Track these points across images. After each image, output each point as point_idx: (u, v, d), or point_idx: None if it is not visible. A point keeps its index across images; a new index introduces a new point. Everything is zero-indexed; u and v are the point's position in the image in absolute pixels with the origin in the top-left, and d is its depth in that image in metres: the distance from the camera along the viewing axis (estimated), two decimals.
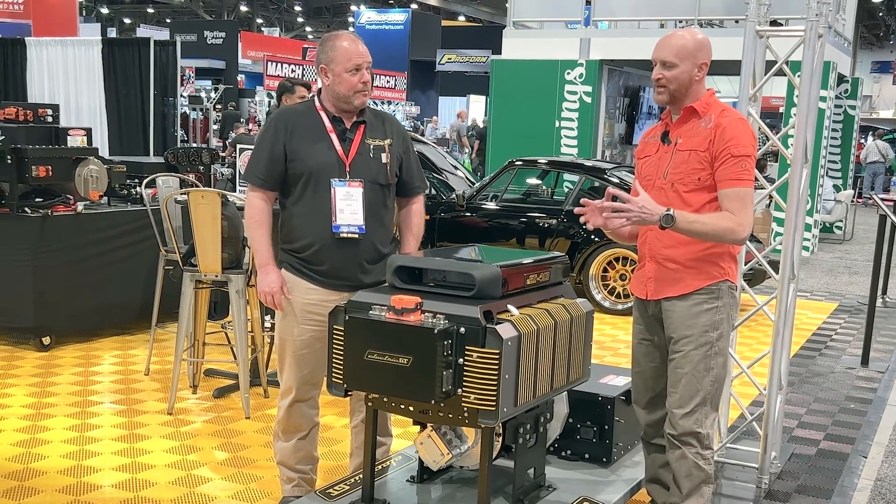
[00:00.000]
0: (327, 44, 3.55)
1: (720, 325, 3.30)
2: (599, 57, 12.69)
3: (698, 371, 3.28)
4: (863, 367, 6.86)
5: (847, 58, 15.19)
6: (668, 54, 3.26)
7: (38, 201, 6.13)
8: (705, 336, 3.28)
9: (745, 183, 3.17)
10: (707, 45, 3.29)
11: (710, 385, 3.30)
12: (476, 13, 36.62)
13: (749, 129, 3.26)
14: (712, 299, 3.29)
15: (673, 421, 3.33)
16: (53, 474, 4.24)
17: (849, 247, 14.35)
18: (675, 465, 3.37)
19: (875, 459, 4.93)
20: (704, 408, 3.30)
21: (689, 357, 3.28)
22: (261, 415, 5.14)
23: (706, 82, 3.35)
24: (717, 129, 3.20)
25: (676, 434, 3.32)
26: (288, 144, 3.52)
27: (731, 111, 3.30)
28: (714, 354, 3.29)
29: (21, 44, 11.82)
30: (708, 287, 3.28)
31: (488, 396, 2.86)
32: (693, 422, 3.29)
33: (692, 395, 3.29)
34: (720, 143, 3.19)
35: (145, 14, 43.47)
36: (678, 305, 3.31)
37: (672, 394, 3.34)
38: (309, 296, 3.54)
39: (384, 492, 3.38)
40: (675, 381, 3.33)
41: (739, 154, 3.17)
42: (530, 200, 9.32)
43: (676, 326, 3.31)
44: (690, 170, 3.24)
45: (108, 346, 6.47)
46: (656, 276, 3.36)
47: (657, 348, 3.44)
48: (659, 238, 3.32)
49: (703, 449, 3.32)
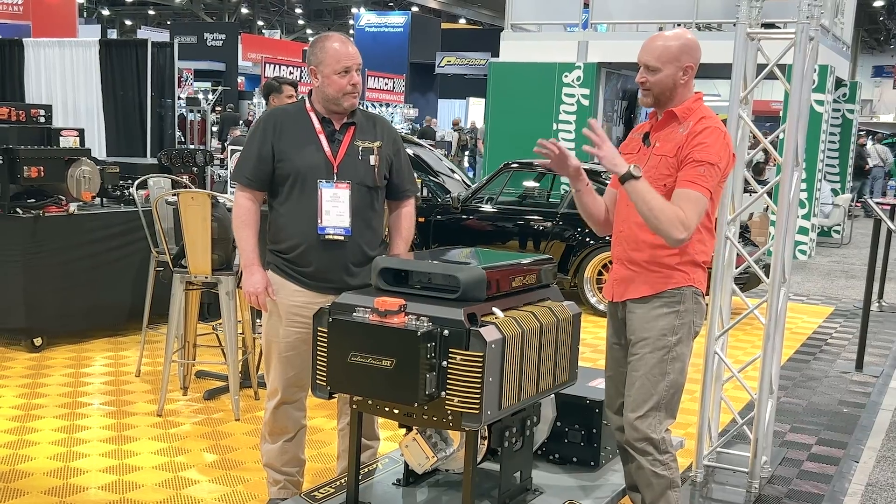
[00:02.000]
0: (317, 45, 3.54)
1: (679, 329, 3.23)
2: (597, 60, 12.70)
3: (653, 375, 3.22)
4: (857, 371, 6.84)
5: (846, 62, 15.18)
6: (651, 58, 3.20)
7: (30, 202, 6.12)
8: (662, 340, 3.22)
9: (699, 188, 3.05)
10: (693, 47, 3.20)
11: (664, 390, 3.23)
12: (476, 16, 36.59)
13: (721, 139, 3.14)
14: (673, 303, 3.22)
15: (627, 425, 3.28)
16: (40, 475, 4.22)
17: (847, 251, 14.32)
18: (635, 475, 3.33)
19: (867, 464, 4.91)
20: (658, 413, 3.23)
21: (645, 360, 3.23)
22: (250, 417, 5.12)
23: (707, 85, 3.29)
24: (689, 136, 3.13)
25: (631, 440, 3.27)
26: (276, 145, 3.50)
27: (710, 119, 3.19)
28: (671, 360, 3.22)
29: (19, 45, 11.81)
30: (669, 291, 3.22)
31: (472, 399, 2.83)
32: (646, 426, 3.22)
33: (645, 398, 3.23)
34: (687, 148, 3.11)
35: (146, 16, 43.49)
36: (639, 308, 3.27)
37: (627, 397, 3.29)
38: (295, 298, 3.52)
39: (369, 495, 3.36)
40: (630, 384, 3.28)
41: (701, 159, 3.07)
42: (526, 203, 9.28)
43: (635, 329, 3.28)
44: (659, 175, 3.17)
45: (99, 348, 6.46)
46: (622, 277, 3.33)
47: (625, 352, 3.39)
48: (626, 240, 3.29)
49: (661, 454, 3.25)
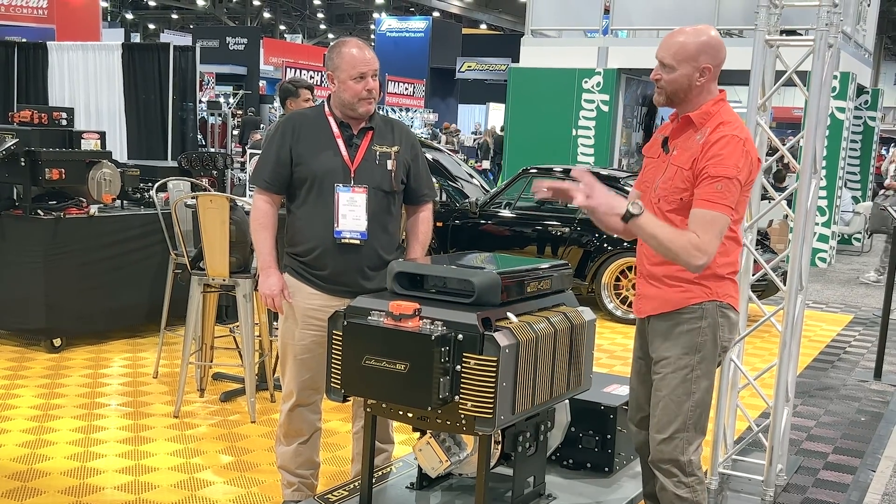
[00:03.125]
0: (335, 50, 3.57)
1: (702, 347, 3.05)
2: (617, 66, 12.67)
3: (676, 395, 3.07)
4: (876, 380, 6.79)
5: (868, 69, 15.08)
6: (667, 55, 2.98)
7: (51, 204, 6.17)
8: (684, 359, 3.06)
9: (716, 206, 2.85)
10: (714, 47, 2.96)
11: (690, 410, 3.06)
12: (497, 21, 36.62)
13: (740, 147, 2.90)
14: (693, 320, 3.04)
15: (652, 446, 3.15)
16: (57, 475, 4.26)
17: (867, 259, 14.22)
18: (659, 495, 3.20)
19: (884, 474, 4.87)
20: (686, 433, 3.07)
21: (667, 380, 3.08)
22: (266, 419, 5.14)
23: (729, 92, 3.11)
24: (705, 146, 2.92)
25: (656, 460, 3.14)
26: (294, 148, 3.53)
27: (728, 125, 2.95)
28: (695, 378, 3.05)
29: (42, 48, 11.92)
30: (690, 307, 3.04)
31: (485, 404, 2.84)
32: (672, 448, 3.08)
33: (670, 420, 3.07)
34: (703, 161, 2.90)
35: (170, 20, 43.81)
36: (659, 325, 3.12)
37: (652, 417, 3.15)
38: (310, 301, 3.54)
39: (383, 498, 3.37)
40: (655, 405, 3.13)
41: (717, 175, 2.86)
42: (544, 208, 9.26)
43: (656, 347, 3.13)
44: (674, 188, 2.99)
45: (118, 349, 6.51)
46: (643, 293, 3.20)
47: (648, 367, 3.24)
48: (645, 254, 3.14)
49: (686, 476, 3.08)
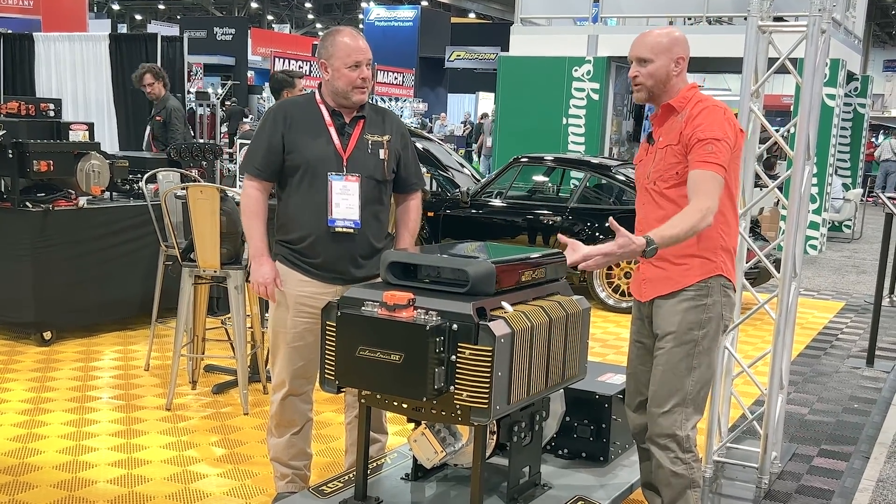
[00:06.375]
0: (328, 39, 3.54)
1: (707, 323, 3.19)
2: (607, 54, 12.64)
3: (679, 370, 3.19)
4: (868, 366, 6.80)
5: (857, 56, 15.09)
6: (644, 51, 3.21)
7: (39, 196, 6.12)
8: (689, 334, 3.19)
9: (710, 166, 3.04)
10: (683, 41, 3.24)
11: (691, 385, 3.19)
12: (486, 10, 36.53)
13: (721, 114, 3.13)
14: (700, 296, 3.19)
15: (651, 420, 3.25)
16: (49, 469, 4.23)
17: (857, 245, 14.26)
18: (654, 474, 3.30)
19: (878, 460, 4.88)
20: (685, 409, 3.20)
21: (671, 354, 3.20)
22: (259, 411, 5.12)
23: (718, 80, 3.27)
24: (688, 120, 3.14)
25: (653, 435, 3.24)
26: (286, 136, 3.50)
27: (706, 101, 3.20)
28: (698, 354, 3.19)
29: (29, 39, 11.84)
30: (697, 284, 3.18)
31: (481, 394, 2.82)
32: (671, 422, 3.19)
33: (671, 393, 3.19)
34: (689, 130, 3.11)
35: (156, 10, 43.57)
36: (665, 303, 3.23)
37: (651, 391, 3.26)
38: (302, 288, 3.52)
39: (378, 489, 3.35)
40: (655, 379, 3.25)
41: (705, 137, 3.07)
42: (535, 197, 9.25)
43: (661, 323, 3.24)
44: (668, 165, 3.18)
45: (108, 342, 6.47)
46: (649, 276, 3.30)
47: (648, 351, 3.36)
48: None
49: (683, 452, 3.21)
